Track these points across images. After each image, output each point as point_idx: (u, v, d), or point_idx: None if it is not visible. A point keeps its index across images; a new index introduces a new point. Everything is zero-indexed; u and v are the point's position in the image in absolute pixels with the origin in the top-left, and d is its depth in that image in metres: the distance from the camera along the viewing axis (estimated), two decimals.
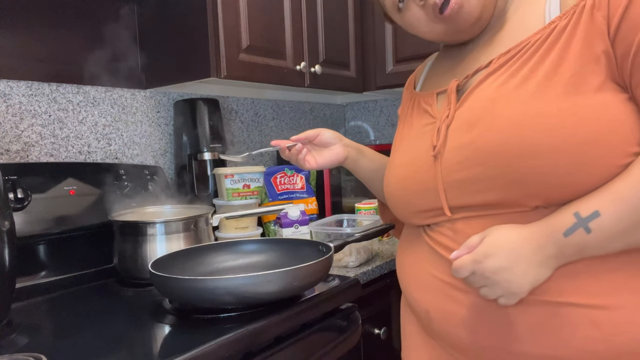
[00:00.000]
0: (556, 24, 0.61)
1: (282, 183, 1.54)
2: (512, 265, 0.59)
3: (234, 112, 1.76)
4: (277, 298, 0.86)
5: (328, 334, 0.95)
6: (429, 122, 0.73)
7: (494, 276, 0.60)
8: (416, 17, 0.72)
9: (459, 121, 0.67)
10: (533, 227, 0.60)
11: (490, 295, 0.61)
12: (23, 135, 1.22)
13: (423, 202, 0.71)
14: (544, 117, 0.58)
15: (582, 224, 0.57)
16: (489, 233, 0.62)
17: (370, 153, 0.98)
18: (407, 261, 0.79)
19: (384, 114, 2.19)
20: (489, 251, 0.60)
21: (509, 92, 0.62)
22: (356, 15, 1.77)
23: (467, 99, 0.67)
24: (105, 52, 1.37)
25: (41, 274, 1.13)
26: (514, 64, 0.63)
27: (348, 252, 1.23)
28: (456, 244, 0.67)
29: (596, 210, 0.56)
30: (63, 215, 1.14)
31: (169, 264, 0.96)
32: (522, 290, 0.60)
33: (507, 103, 0.61)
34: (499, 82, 0.63)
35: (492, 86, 0.64)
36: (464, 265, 0.61)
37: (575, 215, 0.57)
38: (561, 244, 0.58)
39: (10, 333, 0.81)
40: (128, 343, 0.77)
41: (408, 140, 0.77)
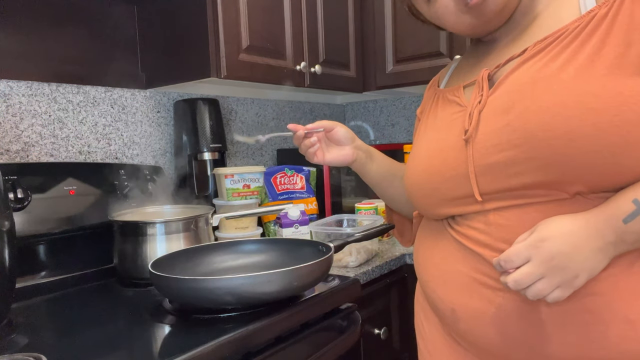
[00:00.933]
0: (595, 12, 0.59)
1: (282, 183, 1.54)
2: (572, 249, 0.56)
3: (234, 112, 1.76)
4: (277, 298, 0.86)
5: (328, 334, 0.95)
6: (458, 110, 0.71)
7: (552, 261, 0.55)
8: (444, 6, 0.69)
9: (493, 106, 0.65)
10: (589, 213, 0.57)
11: (546, 289, 0.56)
12: (23, 135, 1.22)
13: (452, 189, 0.67)
14: (588, 95, 0.56)
15: (624, 220, 0.55)
16: (538, 225, 0.58)
17: (379, 158, 0.96)
18: (429, 257, 0.75)
19: (384, 114, 2.19)
20: (545, 235, 0.56)
21: (549, 75, 0.60)
22: (356, 15, 1.77)
23: (502, 84, 0.65)
24: (105, 52, 1.37)
25: (41, 274, 1.13)
26: (552, 49, 0.62)
27: (348, 252, 1.23)
28: (489, 237, 0.64)
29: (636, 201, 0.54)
30: (63, 215, 1.14)
31: (169, 264, 0.96)
32: (580, 280, 0.56)
33: (548, 84, 0.59)
34: (538, 66, 0.62)
35: (530, 70, 0.63)
36: (518, 252, 0.56)
37: (635, 202, 0.55)
38: (621, 231, 0.55)
39: (10, 333, 0.81)
40: (128, 343, 0.77)
41: (433, 130, 0.75)
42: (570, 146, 0.56)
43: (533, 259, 0.56)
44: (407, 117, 2.12)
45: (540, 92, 0.60)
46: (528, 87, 0.61)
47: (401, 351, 1.40)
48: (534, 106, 0.59)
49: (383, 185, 0.96)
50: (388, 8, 1.74)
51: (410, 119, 2.11)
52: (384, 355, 1.31)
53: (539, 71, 0.61)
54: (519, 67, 0.64)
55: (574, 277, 0.56)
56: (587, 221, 0.57)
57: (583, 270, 0.56)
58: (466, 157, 0.65)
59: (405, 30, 1.71)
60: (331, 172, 1.72)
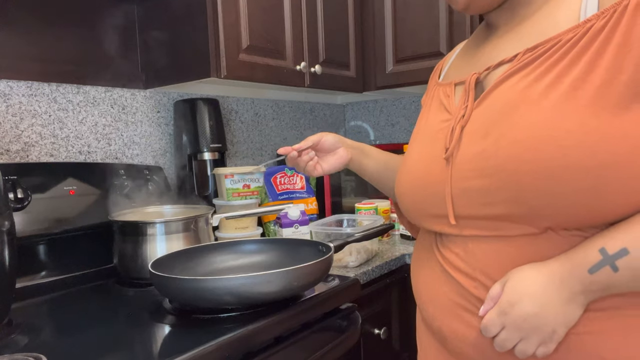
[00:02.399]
0: (592, 23, 0.55)
1: (282, 183, 1.55)
2: (541, 309, 0.56)
3: (234, 112, 1.76)
4: (277, 298, 0.86)
5: (328, 334, 0.95)
6: (445, 119, 0.70)
7: (524, 324, 0.57)
8: None
9: (475, 124, 0.63)
10: (555, 262, 0.56)
11: (529, 349, 0.57)
12: (23, 135, 1.22)
13: (434, 206, 0.67)
14: (563, 131, 0.54)
15: (608, 261, 0.53)
16: (509, 277, 0.58)
17: (374, 153, 0.96)
18: (421, 274, 0.75)
19: (384, 114, 2.19)
20: (513, 299, 0.57)
21: (530, 99, 0.57)
22: (356, 15, 1.77)
23: (486, 99, 0.63)
24: (105, 52, 1.37)
25: (41, 274, 1.13)
26: (541, 64, 0.59)
27: (348, 252, 1.23)
28: (467, 266, 0.64)
29: (624, 247, 0.52)
30: (63, 215, 1.14)
31: (169, 264, 0.96)
32: (559, 333, 0.56)
33: (527, 112, 0.57)
34: (523, 84, 0.59)
35: (514, 88, 0.60)
36: (492, 322, 0.58)
37: (601, 251, 0.53)
38: (587, 281, 0.54)
39: (10, 333, 0.81)
40: (128, 343, 0.77)
41: (423, 137, 0.74)
42: (537, 184, 0.55)
43: (507, 325, 0.58)
44: (407, 117, 2.12)
45: (517, 119, 0.58)
46: (508, 109, 0.59)
47: (401, 351, 1.40)
48: (509, 135, 0.58)
49: (382, 180, 0.96)
50: (388, 8, 1.74)
51: (410, 119, 2.11)
52: (384, 355, 1.31)
53: (523, 92, 0.59)
54: (506, 80, 0.62)
55: (552, 333, 0.56)
56: (553, 274, 0.56)
57: (558, 324, 0.56)
58: (445, 177, 0.65)
59: (405, 30, 1.71)
60: None
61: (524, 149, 0.56)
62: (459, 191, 0.63)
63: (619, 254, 0.52)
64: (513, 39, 0.66)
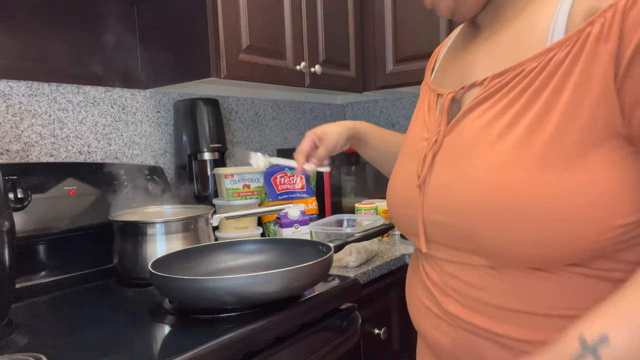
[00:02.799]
0: (555, 52, 0.53)
1: (282, 183, 1.54)
2: None
3: (234, 112, 1.76)
4: (277, 298, 0.86)
5: (328, 334, 0.95)
6: (425, 137, 0.70)
7: None
8: None
9: (446, 152, 0.64)
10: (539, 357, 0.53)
11: None
12: (23, 135, 1.22)
13: (410, 226, 0.69)
14: (513, 182, 0.53)
15: (589, 351, 0.49)
16: None
17: (372, 140, 0.97)
18: (409, 281, 0.77)
19: (384, 114, 2.19)
20: None
21: (489, 139, 0.57)
22: (356, 15, 1.77)
23: (456, 127, 0.63)
24: (105, 52, 1.37)
25: (41, 274, 1.13)
26: (505, 95, 0.58)
27: (348, 252, 1.23)
28: (442, 283, 0.65)
29: (604, 334, 0.49)
30: (63, 215, 1.14)
31: (169, 264, 0.96)
32: None
33: (484, 152, 0.57)
34: (485, 119, 0.59)
35: (477, 122, 0.59)
36: None
37: (580, 340, 0.50)
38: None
39: (10, 333, 0.81)
40: (128, 343, 0.77)
41: (408, 151, 0.74)
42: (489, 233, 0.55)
43: None
44: (407, 117, 2.12)
45: (475, 159, 0.58)
46: (470, 145, 0.59)
47: (401, 351, 1.40)
48: (467, 174, 0.58)
49: (382, 166, 0.98)
50: (388, 8, 1.74)
51: (410, 119, 2.10)
52: (384, 355, 1.31)
53: (484, 129, 0.58)
54: (474, 108, 0.61)
55: None
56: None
57: None
58: (418, 204, 0.66)
59: (405, 30, 1.71)
60: (331, 172, 1.72)
61: (478, 195, 0.56)
62: (429, 221, 0.65)
63: (598, 342, 0.49)
64: (492, 51, 0.64)
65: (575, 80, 0.51)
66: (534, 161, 0.52)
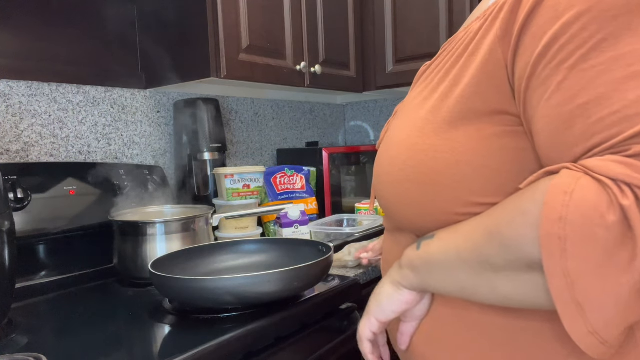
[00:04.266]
0: (477, 22, 0.53)
1: (282, 183, 1.54)
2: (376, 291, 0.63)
3: (234, 112, 1.76)
4: (277, 298, 0.86)
5: (328, 334, 0.95)
6: None
7: None
8: None
9: (394, 120, 0.67)
10: None
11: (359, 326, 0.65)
12: (23, 135, 1.22)
13: None
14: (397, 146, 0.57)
15: (418, 241, 0.57)
16: None
17: None
18: None
19: (384, 114, 2.19)
20: None
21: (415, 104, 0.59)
22: (356, 15, 1.77)
23: (409, 95, 0.65)
24: (105, 52, 1.37)
25: (41, 274, 1.13)
26: (431, 73, 0.60)
27: (347, 252, 1.23)
28: None
29: (433, 234, 0.55)
30: (63, 215, 1.14)
31: (169, 264, 0.96)
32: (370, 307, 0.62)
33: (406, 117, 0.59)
34: (423, 86, 0.61)
35: (418, 88, 0.62)
36: None
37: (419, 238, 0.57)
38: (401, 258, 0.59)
39: (10, 333, 0.81)
40: (128, 343, 0.77)
41: None
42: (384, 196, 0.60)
43: None
44: None
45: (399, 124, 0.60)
46: (403, 112, 0.62)
47: None
48: (388, 140, 0.61)
49: None
50: (388, 8, 1.74)
51: None
52: None
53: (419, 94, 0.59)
54: (421, 76, 0.64)
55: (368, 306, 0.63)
56: None
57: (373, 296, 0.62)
58: None
59: (405, 30, 1.71)
60: (331, 172, 1.72)
61: (380, 161, 0.61)
62: None
63: (426, 237, 0.55)
64: None
65: (471, 51, 0.52)
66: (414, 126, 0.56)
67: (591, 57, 0.42)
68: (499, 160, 0.49)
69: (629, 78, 0.40)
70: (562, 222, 0.39)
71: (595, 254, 0.39)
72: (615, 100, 0.40)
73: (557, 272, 0.40)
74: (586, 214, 0.39)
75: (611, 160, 0.39)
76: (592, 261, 0.39)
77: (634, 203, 0.38)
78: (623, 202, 0.38)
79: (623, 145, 0.40)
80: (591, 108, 0.41)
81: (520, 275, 0.45)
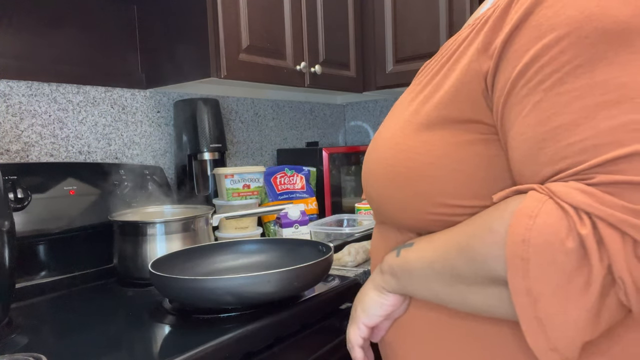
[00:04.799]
0: (463, 33, 0.54)
1: (282, 183, 1.54)
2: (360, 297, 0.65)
3: (234, 112, 1.76)
4: (277, 298, 0.86)
5: (328, 334, 0.95)
6: None
7: None
8: None
9: None
10: None
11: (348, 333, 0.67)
12: (23, 135, 1.22)
13: None
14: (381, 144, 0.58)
15: (398, 248, 0.59)
16: None
17: None
18: None
19: (384, 114, 2.19)
20: None
21: (395, 112, 0.61)
22: (356, 15, 1.77)
23: None
24: (105, 52, 1.37)
25: (41, 274, 1.13)
26: (423, 73, 0.61)
27: (347, 252, 1.23)
28: None
29: (414, 242, 0.57)
30: (63, 215, 1.14)
31: (169, 264, 0.96)
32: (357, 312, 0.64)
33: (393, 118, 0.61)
34: (406, 92, 0.62)
35: (403, 94, 0.63)
36: None
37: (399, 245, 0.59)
38: (382, 264, 0.61)
39: (10, 333, 0.81)
40: (128, 343, 0.77)
41: None
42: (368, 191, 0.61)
43: None
44: None
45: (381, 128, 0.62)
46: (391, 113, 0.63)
47: None
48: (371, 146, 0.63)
49: None
50: (388, 8, 1.74)
51: None
52: None
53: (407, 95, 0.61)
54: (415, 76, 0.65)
55: (354, 312, 0.65)
56: None
57: (356, 304, 0.65)
58: None
59: (405, 30, 1.71)
60: (331, 172, 1.72)
61: (367, 157, 0.62)
62: None
63: (406, 245, 0.57)
64: None
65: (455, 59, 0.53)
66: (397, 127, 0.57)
67: (567, 82, 0.43)
68: (472, 166, 0.51)
69: (600, 107, 0.41)
70: (526, 245, 0.41)
71: (555, 276, 0.40)
72: (585, 127, 0.41)
73: (521, 290, 0.42)
74: (547, 239, 0.40)
75: (574, 188, 0.41)
76: (552, 283, 0.41)
77: (590, 232, 0.39)
78: (581, 230, 0.39)
79: (587, 173, 0.41)
80: (561, 132, 0.42)
81: (488, 288, 0.47)
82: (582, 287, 0.40)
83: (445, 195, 0.52)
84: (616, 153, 0.40)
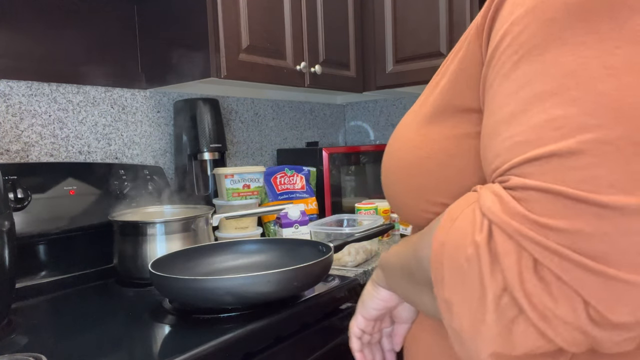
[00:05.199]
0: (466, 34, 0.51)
1: (282, 183, 1.54)
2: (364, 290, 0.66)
3: (234, 112, 1.76)
4: (277, 298, 0.86)
5: (328, 334, 0.95)
6: None
7: None
8: None
9: None
10: None
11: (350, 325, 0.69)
12: (23, 135, 1.22)
13: None
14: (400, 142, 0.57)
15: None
16: None
17: None
18: None
19: (384, 114, 2.19)
20: None
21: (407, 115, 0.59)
22: (356, 15, 1.77)
23: None
24: (105, 52, 1.37)
25: (41, 274, 1.13)
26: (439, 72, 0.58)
27: (347, 252, 1.23)
28: None
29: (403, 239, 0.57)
30: (63, 215, 1.14)
31: (169, 264, 0.96)
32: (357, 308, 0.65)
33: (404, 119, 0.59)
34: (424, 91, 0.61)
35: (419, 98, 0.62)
36: None
37: None
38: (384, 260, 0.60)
39: (10, 333, 0.81)
40: (128, 343, 0.77)
41: None
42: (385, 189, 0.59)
43: None
44: None
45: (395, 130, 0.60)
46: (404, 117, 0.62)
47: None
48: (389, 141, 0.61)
49: None
50: (388, 8, 1.74)
51: None
52: None
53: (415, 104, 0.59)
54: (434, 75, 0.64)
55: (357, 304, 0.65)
56: None
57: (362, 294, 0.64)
58: None
59: (405, 30, 1.71)
60: (331, 172, 1.72)
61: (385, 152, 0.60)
62: None
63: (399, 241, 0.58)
64: None
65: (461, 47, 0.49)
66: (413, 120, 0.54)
67: (520, 66, 0.38)
68: (464, 161, 0.47)
69: (537, 98, 0.36)
70: (442, 247, 0.39)
71: (460, 283, 0.37)
72: (520, 121, 0.36)
73: (440, 296, 0.39)
74: (457, 243, 0.37)
75: (490, 190, 0.37)
76: (458, 291, 0.37)
77: (484, 240, 0.35)
78: (476, 237, 0.36)
79: (506, 174, 0.37)
80: (500, 127, 0.38)
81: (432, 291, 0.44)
82: (478, 300, 0.35)
83: (437, 192, 0.49)
84: (532, 153, 0.35)
